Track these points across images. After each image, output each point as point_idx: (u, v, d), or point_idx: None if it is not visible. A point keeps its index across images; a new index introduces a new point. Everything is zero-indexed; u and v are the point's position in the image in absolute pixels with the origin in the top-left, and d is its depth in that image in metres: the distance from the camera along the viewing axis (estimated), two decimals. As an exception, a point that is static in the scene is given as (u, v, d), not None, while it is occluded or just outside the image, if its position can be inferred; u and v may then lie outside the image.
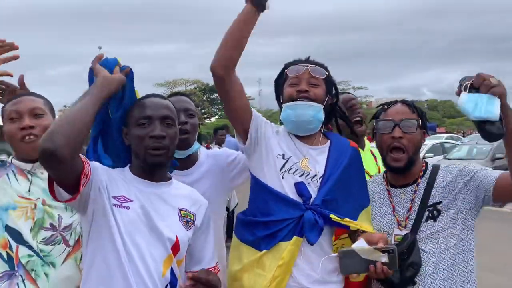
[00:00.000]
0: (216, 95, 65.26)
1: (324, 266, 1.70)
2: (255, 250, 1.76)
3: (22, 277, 1.65)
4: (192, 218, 1.61)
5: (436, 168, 1.85)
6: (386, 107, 1.87)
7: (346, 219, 1.72)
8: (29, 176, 1.77)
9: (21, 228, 1.68)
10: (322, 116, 1.84)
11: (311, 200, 1.73)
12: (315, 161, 1.81)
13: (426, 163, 1.89)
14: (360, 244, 1.63)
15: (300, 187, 1.74)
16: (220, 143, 7.97)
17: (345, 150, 1.87)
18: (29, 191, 1.74)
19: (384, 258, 1.56)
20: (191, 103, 2.04)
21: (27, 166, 1.78)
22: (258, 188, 1.82)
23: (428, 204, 1.77)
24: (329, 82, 1.89)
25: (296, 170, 1.78)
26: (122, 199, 1.48)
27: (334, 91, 1.94)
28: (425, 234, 1.74)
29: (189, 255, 1.65)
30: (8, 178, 1.74)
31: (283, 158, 1.79)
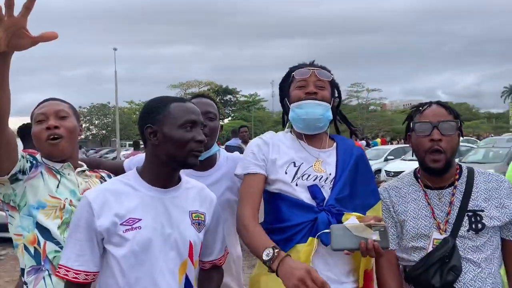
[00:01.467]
0: (229, 96, 65.69)
1: (340, 267, 1.72)
2: None
3: (48, 271, 1.70)
4: (203, 219, 1.60)
5: (471, 171, 1.82)
6: (421, 108, 1.83)
7: (355, 213, 1.71)
8: (58, 176, 1.82)
9: (50, 226, 1.73)
10: (330, 115, 1.86)
11: (325, 201, 1.74)
12: (326, 163, 1.83)
13: (460, 165, 1.85)
14: (351, 221, 1.64)
15: (313, 190, 1.75)
16: (245, 140, 8.12)
17: (351, 151, 1.89)
18: (57, 189, 1.79)
19: (375, 236, 1.55)
20: (213, 106, 2.04)
21: (56, 165, 1.84)
22: (271, 198, 1.83)
23: (468, 209, 1.72)
24: (334, 85, 1.92)
25: (309, 175, 1.78)
26: (130, 221, 1.46)
27: (337, 94, 1.95)
28: (466, 244, 1.70)
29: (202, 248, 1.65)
30: (42, 176, 1.79)
31: (294, 166, 1.80)
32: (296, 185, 1.76)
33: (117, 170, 2.09)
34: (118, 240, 1.45)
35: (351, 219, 1.65)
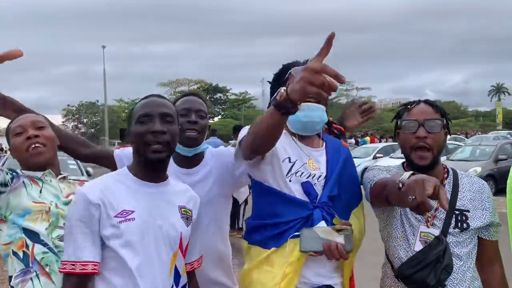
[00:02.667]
0: (219, 95, 65.55)
1: (329, 263, 1.74)
2: (263, 249, 1.79)
3: (36, 272, 1.69)
4: (190, 215, 1.64)
5: (455, 172, 1.87)
6: (409, 106, 1.86)
7: (343, 221, 1.74)
8: (40, 183, 1.82)
9: (38, 229, 1.73)
10: (326, 118, 1.88)
11: (318, 198, 1.76)
12: (318, 162, 1.85)
13: (445, 165, 1.88)
14: (320, 225, 1.68)
15: (306, 186, 1.77)
16: None
17: (339, 150, 1.92)
18: (41, 195, 1.79)
19: (340, 239, 1.60)
20: (203, 105, 2.07)
21: (38, 173, 1.84)
22: (264, 193, 1.83)
23: (456, 208, 1.77)
24: None
25: (303, 172, 1.80)
26: (124, 213, 1.49)
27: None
28: (450, 239, 1.74)
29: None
30: (25, 185, 1.79)
31: (289, 161, 1.81)
32: (290, 180, 1.78)
33: (107, 157, 2.12)
34: (113, 232, 1.47)
35: (321, 223, 1.69)
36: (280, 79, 1.94)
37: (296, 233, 1.70)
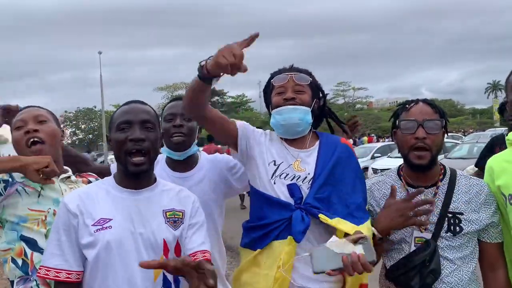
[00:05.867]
0: (216, 98, 65.52)
1: None
2: (251, 251, 1.81)
3: (36, 281, 1.68)
4: (181, 216, 1.60)
5: (454, 172, 1.83)
6: (407, 106, 1.83)
7: (335, 219, 1.69)
8: (38, 188, 1.79)
9: (36, 237, 1.72)
10: (310, 119, 1.86)
11: (303, 199, 1.75)
12: (305, 163, 1.83)
13: (444, 166, 1.85)
14: (332, 239, 1.53)
15: (291, 188, 1.76)
16: None
17: (334, 148, 1.86)
18: (38, 201, 1.77)
19: (359, 249, 1.46)
20: None
21: None
22: (255, 195, 1.86)
23: (449, 211, 1.73)
24: (314, 86, 1.91)
25: (287, 174, 1.79)
26: (101, 221, 1.49)
27: (321, 94, 1.96)
28: (443, 243, 1.72)
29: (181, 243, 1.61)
30: (18, 192, 1.76)
31: (274, 164, 1.82)
32: (274, 183, 1.78)
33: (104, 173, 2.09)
34: (90, 241, 1.48)
35: (332, 238, 1.54)
36: (267, 89, 1.96)
37: (305, 242, 1.67)
